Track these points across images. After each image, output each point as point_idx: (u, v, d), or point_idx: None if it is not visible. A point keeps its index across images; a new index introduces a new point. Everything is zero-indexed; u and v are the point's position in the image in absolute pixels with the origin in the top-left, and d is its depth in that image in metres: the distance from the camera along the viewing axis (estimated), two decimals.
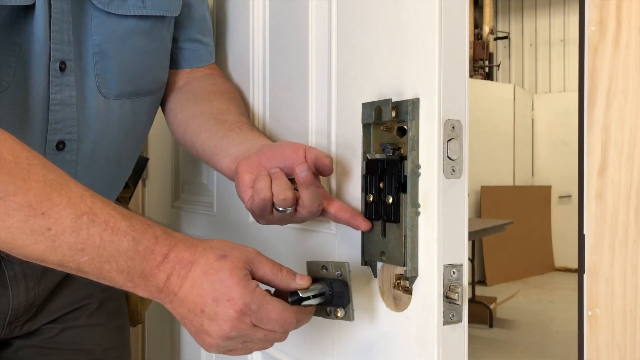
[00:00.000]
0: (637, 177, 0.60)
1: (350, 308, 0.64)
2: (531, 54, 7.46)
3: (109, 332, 1.00)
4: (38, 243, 0.56)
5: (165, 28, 0.91)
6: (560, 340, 3.98)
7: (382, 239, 0.65)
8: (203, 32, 1.00)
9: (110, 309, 1.01)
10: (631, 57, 0.60)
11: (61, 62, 0.79)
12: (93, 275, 0.59)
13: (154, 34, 0.89)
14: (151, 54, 0.90)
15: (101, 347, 0.99)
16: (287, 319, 0.61)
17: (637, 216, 0.60)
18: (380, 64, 0.68)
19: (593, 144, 0.63)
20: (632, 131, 0.60)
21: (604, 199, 0.62)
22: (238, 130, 0.83)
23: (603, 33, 0.62)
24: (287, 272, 0.64)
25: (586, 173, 0.63)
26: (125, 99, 0.88)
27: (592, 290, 0.63)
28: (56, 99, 0.80)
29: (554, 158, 6.81)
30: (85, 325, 0.97)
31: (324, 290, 0.64)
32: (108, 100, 0.85)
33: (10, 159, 0.55)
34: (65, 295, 0.95)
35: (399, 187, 0.63)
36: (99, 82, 0.84)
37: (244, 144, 0.79)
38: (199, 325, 0.61)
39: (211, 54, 1.02)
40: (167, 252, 0.60)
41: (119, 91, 0.87)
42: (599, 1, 0.62)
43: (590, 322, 0.63)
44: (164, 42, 0.92)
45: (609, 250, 0.61)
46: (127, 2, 0.84)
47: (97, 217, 0.57)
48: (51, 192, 0.56)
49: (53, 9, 0.77)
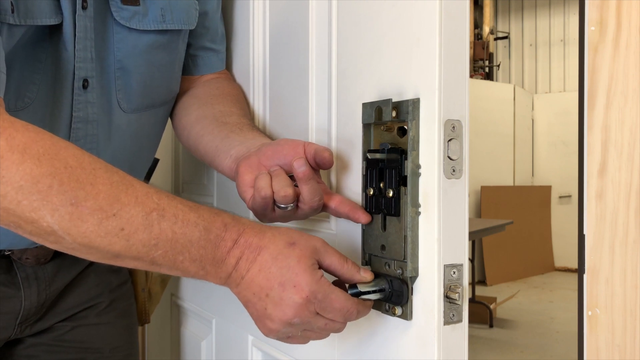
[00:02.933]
0: (637, 177, 0.60)
1: (408, 307, 0.64)
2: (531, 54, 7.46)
3: (118, 331, 1.01)
4: (113, 244, 0.57)
5: (181, 40, 0.92)
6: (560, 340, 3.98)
7: (382, 233, 0.66)
8: (215, 40, 1.01)
9: (119, 308, 1.02)
10: (631, 57, 0.60)
11: (84, 80, 0.80)
12: (166, 267, 0.60)
13: (171, 47, 0.90)
14: (168, 66, 0.91)
15: (110, 345, 1.00)
16: (349, 309, 0.62)
17: (637, 216, 0.60)
18: (381, 64, 0.68)
19: (593, 144, 0.63)
20: (632, 131, 0.60)
21: (604, 199, 0.62)
22: (238, 131, 0.84)
23: (603, 33, 0.62)
24: (352, 264, 0.65)
25: (586, 173, 0.63)
26: (142, 112, 0.89)
27: (592, 290, 0.63)
28: (79, 117, 0.81)
29: (554, 158, 6.81)
30: (94, 324, 0.98)
31: (384, 287, 0.65)
32: (126, 115, 0.87)
33: (75, 165, 0.56)
34: (75, 295, 0.96)
35: (399, 180, 0.63)
36: (119, 98, 0.85)
37: (244, 144, 0.79)
38: (262, 309, 0.61)
39: (222, 61, 1.03)
40: (237, 238, 0.61)
41: (137, 105, 0.88)
42: (599, 1, 0.62)
43: (590, 322, 0.63)
44: (179, 54, 0.93)
45: (609, 250, 0.61)
46: (148, 18, 0.84)
47: (166, 211, 0.59)
48: (119, 193, 0.57)
49: (77, 27, 0.78)
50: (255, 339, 0.99)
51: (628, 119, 0.60)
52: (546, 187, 6.72)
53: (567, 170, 6.35)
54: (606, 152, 0.62)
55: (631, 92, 0.60)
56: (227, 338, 1.09)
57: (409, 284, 0.63)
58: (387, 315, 0.67)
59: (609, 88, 0.62)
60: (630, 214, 0.60)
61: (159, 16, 0.85)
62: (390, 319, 0.67)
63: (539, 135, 7.00)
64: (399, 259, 0.64)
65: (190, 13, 0.91)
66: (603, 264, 0.62)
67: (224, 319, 1.10)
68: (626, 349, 0.60)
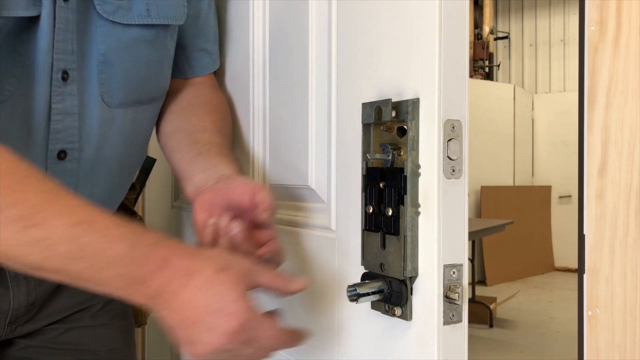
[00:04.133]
0: (637, 177, 0.60)
1: (407, 308, 0.64)
2: (531, 54, 7.46)
3: (114, 332, 1.01)
4: (34, 253, 0.56)
5: (169, 36, 0.92)
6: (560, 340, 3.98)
7: (382, 251, 0.65)
8: (209, 39, 1.01)
9: (114, 310, 1.01)
10: (631, 57, 0.60)
11: (64, 71, 0.80)
12: (92, 283, 0.59)
13: (157, 42, 0.89)
14: (154, 62, 0.90)
15: (105, 347, 0.99)
16: (280, 339, 0.63)
17: (637, 216, 0.60)
18: (380, 63, 0.68)
19: (593, 144, 0.63)
20: (632, 131, 0.60)
21: (604, 199, 0.62)
22: (205, 154, 0.87)
23: (603, 33, 0.62)
24: (286, 277, 0.66)
25: (586, 173, 0.63)
26: (129, 107, 0.88)
27: (592, 290, 0.63)
28: (58, 109, 0.80)
29: (554, 158, 6.81)
30: (89, 326, 0.97)
31: (382, 288, 0.65)
32: (111, 109, 0.86)
33: (7, 171, 0.56)
34: (68, 297, 0.95)
35: (399, 199, 0.63)
36: (102, 91, 0.84)
37: (207, 172, 0.83)
38: (193, 334, 0.60)
39: (215, 62, 1.03)
40: (168, 258, 0.60)
41: (123, 100, 0.87)
42: (599, 1, 0.62)
43: (590, 322, 0.63)
44: (167, 51, 0.93)
45: (609, 250, 0.61)
46: (132, 12, 0.84)
47: (93, 225, 0.58)
48: (46, 203, 0.57)
49: (58, 19, 0.77)
50: None
51: (628, 119, 0.60)
52: (546, 187, 6.72)
53: (567, 170, 6.35)
54: (606, 152, 0.62)
55: (631, 92, 0.60)
56: None
57: (408, 284, 0.63)
58: (387, 316, 0.67)
59: (609, 88, 0.61)
60: (630, 214, 0.60)
61: (143, 10, 0.85)
62: (390, 320, 0.67)
63: (539, 135, 7.01)
64: (398, 277, 0.63)
65: (178, 9, 0.90)
66: (603, 264, 0.62)
67: None
68: (626, 349, 0.60)
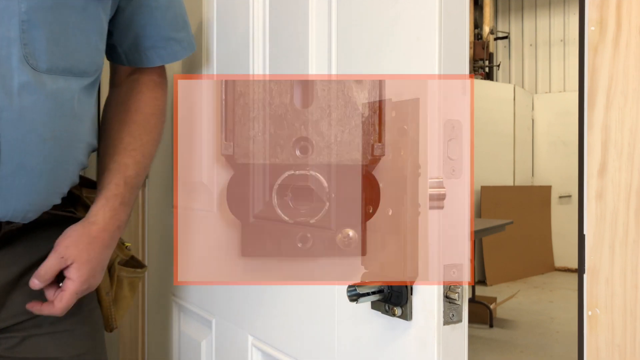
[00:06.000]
0: (637, 177, 0.60)
1: (407, 308, 0.64)
2: (531, 54, 7.46)
3: (78, 338, 0.96)
4: None
5: (102, 8, 0.91)
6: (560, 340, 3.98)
7: (382, 251, 0.65)
8: (177, 28, 1.03)
9: (78, 314, 0.96)
10: (631, 57, 0.60)
11: None
12: None
13: (88, 11, 0.88)
14: (86, 32, 0.89)
15: (68, 354, 0.95)
16: None
17: (637, 216, 0.60)
18: (380, 63, 0.68)
19: (593, 144, 0.63)
20: (632, 131, 0.60)
21: (604, 199, 0.62)
22: (105, 174, 0.98)
23: (603, 33, 0.62)
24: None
25: (586, 173, 0.63)
26: (59, 75, 0.86)
27: (592, 290, 0.63)
28: None
29: (554, 158, 6.80)
30: (48, 333, 0.93)
31: (382, 288, 0.66)
32: (38, 74, 0.83)
33: None
34: (20, 302, 0.90)
35: (399, 199, 0.63)
36: (26, 52, 0.81)
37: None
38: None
39: (185, 49, 1.05)
40: None
41: (51, 65, 0.84)
42: (599, 1, 0.62)
43: (590, 322, 0.63)
44: (100, 23, 0.92)
45: (609, 250, 0.61)
46: None
47: None
48: None
49: None
50: (255, 339, 0.99)
51: (628, 119, 0.60)
52: (546, 187, 6.72)
53: (567, 170, 6.34)
54: (606, 152, 0.62)
55: (631, 92, 0.60)
56: (227, 338, 1.09)
57: (408, 284, 0.63)
58: (387, 316, 0.67)
59: (609, 88, 0.61)
60: (630, 214, 0.60)
61: None
62: (390, 320, 0.67)
63: (539, 135, 7.00)
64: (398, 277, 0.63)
65: None
66: (603, 264, 0.62)
67: (224, 319, 1.10)
68: (626, 349, 0.60)
